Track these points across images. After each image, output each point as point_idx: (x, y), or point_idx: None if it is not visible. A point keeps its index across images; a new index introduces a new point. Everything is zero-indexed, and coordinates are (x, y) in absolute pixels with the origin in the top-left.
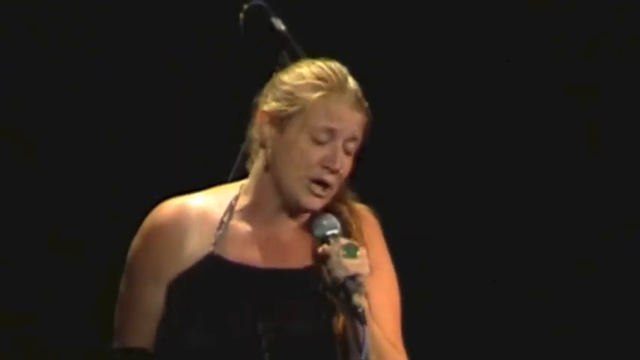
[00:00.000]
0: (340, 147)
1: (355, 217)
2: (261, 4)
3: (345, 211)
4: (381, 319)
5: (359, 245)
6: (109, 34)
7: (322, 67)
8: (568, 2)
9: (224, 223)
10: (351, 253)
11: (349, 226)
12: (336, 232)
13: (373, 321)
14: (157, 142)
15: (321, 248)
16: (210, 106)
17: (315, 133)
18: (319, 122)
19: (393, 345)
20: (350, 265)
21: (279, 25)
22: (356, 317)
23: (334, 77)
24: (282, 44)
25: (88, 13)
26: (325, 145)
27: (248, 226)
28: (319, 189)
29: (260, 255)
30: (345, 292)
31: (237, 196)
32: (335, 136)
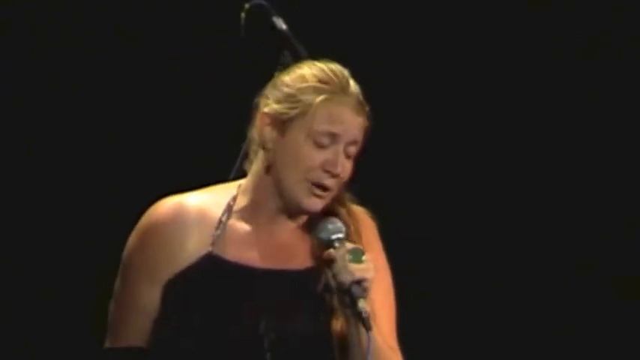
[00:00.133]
0: (341, 151)
1: (353, 219)
2: (263, 3)
3: (343, 213)
4: (379, 319)
5: (365, 250)
6: (109, 34)
7: (324, 70)
8: (568, 2)
9: (222, 223)
10: (357, 258)
11: (347, 228)
12: (342, 237)
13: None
14: (157, 141)
15: (327, 252)
16: (210, 106)
17: (316, 136)
18: (321, 126)
19: (392, 350)
20: (356, 269)
21: (281, 24)
22: (361, 322)
23: (336, 80)
24: (283, 44)
25: (88, 13)
26: (327, 148)
27: (247, 227)
28: (319, 191)
29: (259, 255)
30: (350, 296)
31: (235, 197)
32: (336, 140)
